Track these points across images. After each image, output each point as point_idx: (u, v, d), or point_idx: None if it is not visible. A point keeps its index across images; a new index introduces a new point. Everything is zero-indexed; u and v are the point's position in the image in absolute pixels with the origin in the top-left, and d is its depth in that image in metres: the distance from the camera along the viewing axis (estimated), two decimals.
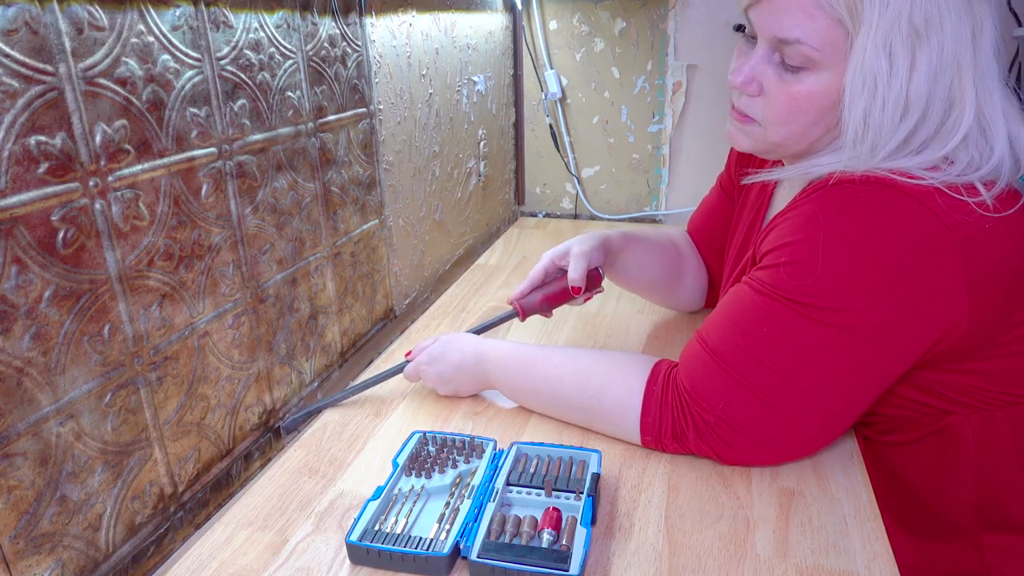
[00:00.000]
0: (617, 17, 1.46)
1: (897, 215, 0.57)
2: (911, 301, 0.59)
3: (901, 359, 0.62)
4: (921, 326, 0.60)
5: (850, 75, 0.59)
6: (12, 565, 0.50)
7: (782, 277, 0.61)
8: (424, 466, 0.68)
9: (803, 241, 0.60)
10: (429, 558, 0.57)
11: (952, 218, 0.57)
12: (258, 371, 0.76)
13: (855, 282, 0.58)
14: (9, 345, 0.49)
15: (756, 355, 0.62)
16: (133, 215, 0.58)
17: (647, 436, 0.70)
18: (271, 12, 0.72)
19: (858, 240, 0.58)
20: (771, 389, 0.62)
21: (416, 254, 1.13)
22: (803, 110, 0.63)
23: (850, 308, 0.59)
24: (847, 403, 0.64)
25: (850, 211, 0.59)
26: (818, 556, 0.58)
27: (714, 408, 0.65)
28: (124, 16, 0.55)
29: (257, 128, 0.72)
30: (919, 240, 0.57)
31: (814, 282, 0.59)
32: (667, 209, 1.58)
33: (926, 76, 0.58)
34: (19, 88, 0.48)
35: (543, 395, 0.76)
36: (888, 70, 0.57)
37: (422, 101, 1.10)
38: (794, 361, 0.61)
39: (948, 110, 0.59)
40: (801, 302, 0.60)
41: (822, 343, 0.60)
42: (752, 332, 0.63)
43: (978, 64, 0.58)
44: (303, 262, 0.83)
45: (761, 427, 0.64)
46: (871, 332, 0.60)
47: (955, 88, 0.59)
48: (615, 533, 0.62)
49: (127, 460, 0.59)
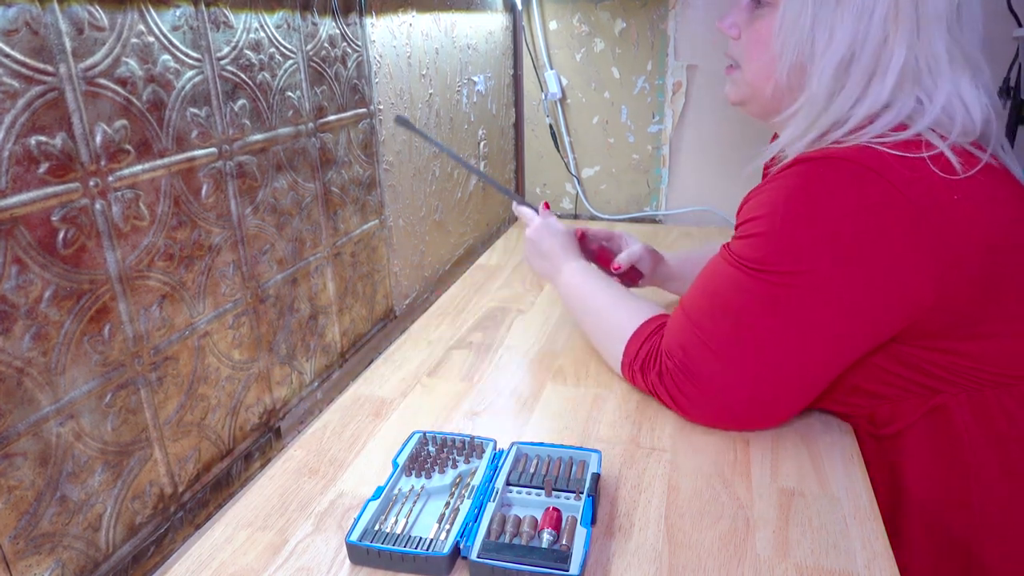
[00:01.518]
0: (617, 17, 1.46)
1: (854, 186, 0.60)
2: (866, 269, 0.61)
3: (857, 328, 0.64)
4: (877, 295, 0.62)
5: (783, 3, 0.66)
6: (12, 565, 0.50)
7: (745, 247, 0.66)
8: (424, 466, 0.68)
9: (765, 216, 0.64)
10: (429, 558, 0.57)
11: (913, 189, 0.59)
12: (258, 371, 0.76)
13: (810, 250, 0.62)
14: (9, 345, 0.49)
15: (717, 314, 0.68)
16: (133, 215, 0.58)
17: (624, 360, 0.79)
18: (271, 12, 0.72)
19: (813, 211, 0.61)
20: (725, 344, 0.68)
21: (416, 254, 1.13)
22: (763, 42, 0.70)
23: (804, 271, 0.62)
24: (799, 368, 0.67)
25: (808, 184, 0.62)
26: (818, 556, 0.58)
27: (675, 355, 0.72)
28: (124, 16, 0.55)
29: (257, 128, 0.72)
30: (876, 210, 0.59)
31: (772, 251, 0.64)
32: (667, 209, 1.58)
33: (851, 11, 0.63)
34: (19, 88, 0.48)
35: (577, 305, 0.88)
36: (815, 2, 0.64)
37: (422, 101, 1.10)
38: (749, 320, 0.66)
39: (881, 51, 0.63)
40: (760, 269, 0.65)
41: (774, 305, 0.65)
42: (716, 294, 0.69)
43: (920, 15, 0.62)
44: (303, 262, 0.83)
45: (715, 381, 0.69)
46: (823, 297, 0.63)
47: (891, 29, 0.63)
48: (615, 533, 0.62)
49: (127, 460, 0.59)
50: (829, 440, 0.74)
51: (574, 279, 0.89)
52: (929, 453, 0.69)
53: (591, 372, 0.89)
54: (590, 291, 0.87)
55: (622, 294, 0.85)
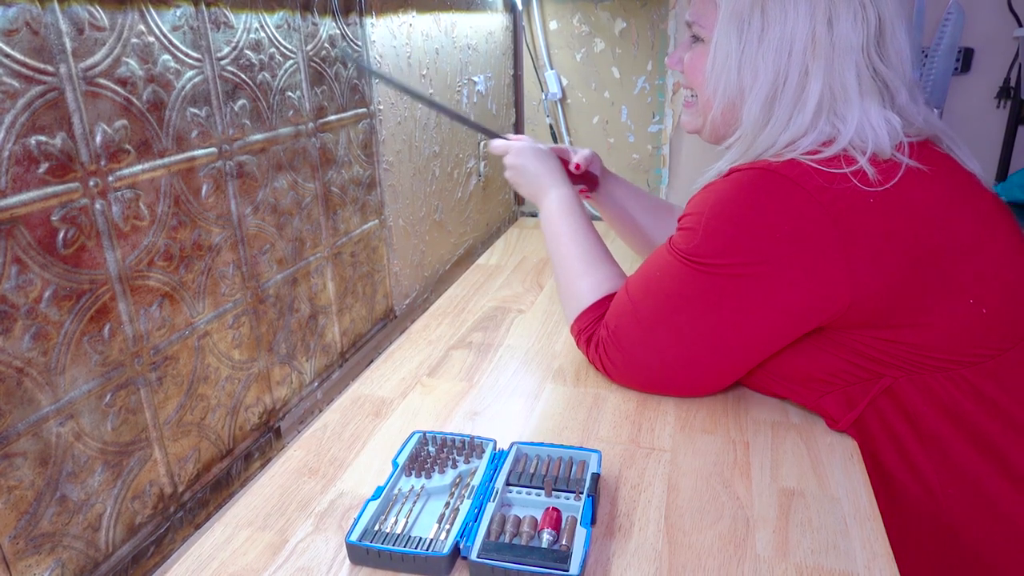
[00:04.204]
0: (617, 17, 1.46)
1: (773, 192, 0.67)
2: (781, 266, 0.67)
3: (772, 319, 0.71)
4: (791, 289, 0.68)
5: (712, 43, 0.74)
6: (12, 565, 0.50)
7: (680, 239, 0.74)
8: (424, 466, 0.68)
9: (695, 213, 0.73)
10: (429, 558, 0.57)
11: (826, 195, 0.65)
12: (258, 371, 0.76)
13: (732, 246, 0.69)
14: (9, 345, 0.49)
15: (651, 292, 0.77)
16: (133, 215, 0.58)
17: (575, 326, 0.87)
18: (271, 12, 0.72)
19: (737, 213, 0.69)
20: (650, 317, 0.76)
21: (416, 254, 1.13)
22: (698, 71, 0.78)
23: (725, 264, 0.70)
24: (714, 346, 0.74)
25: (732, 191, 0.70)
26: (818, 556, 0.58)
27: (609, 326, 0.81)
28: (124, 16, 0.55)
29: (257, 128, 0.72)
30: (792, 214, 0.66)
31: (699, 244, 0.71)
32: None
33: (774, 49, 0.69)
34: (19, 88, 0.48)
35: (554, 247, 0.93)
36: (739, 40, 0.71)
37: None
38: (674, 301, 0.74)
39: (803, 84, 0.70)
40: (688, 259, 0.72)
41: (696, 290, 0.72)
42: (651, 276, 0.77)
43: (835, 48, 0.68)
44: (303, 262, 0.83)
45: (637, 350, 0.79)
46: (741, 288, 0.70)
47: (809, 63, 0.69)
48: (615, 533, 0.62)
49: (127, 460, 0.59)
50: (829, 440, 0.74)
51: (555, 209, 0.94)
52: (886, 434, 0.72)
53: (591, 372, 0.89)
54: (567, 232, 0.91)
55: (595, 251, 0.90)
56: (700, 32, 0.77)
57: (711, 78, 0.74)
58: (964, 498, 0.70)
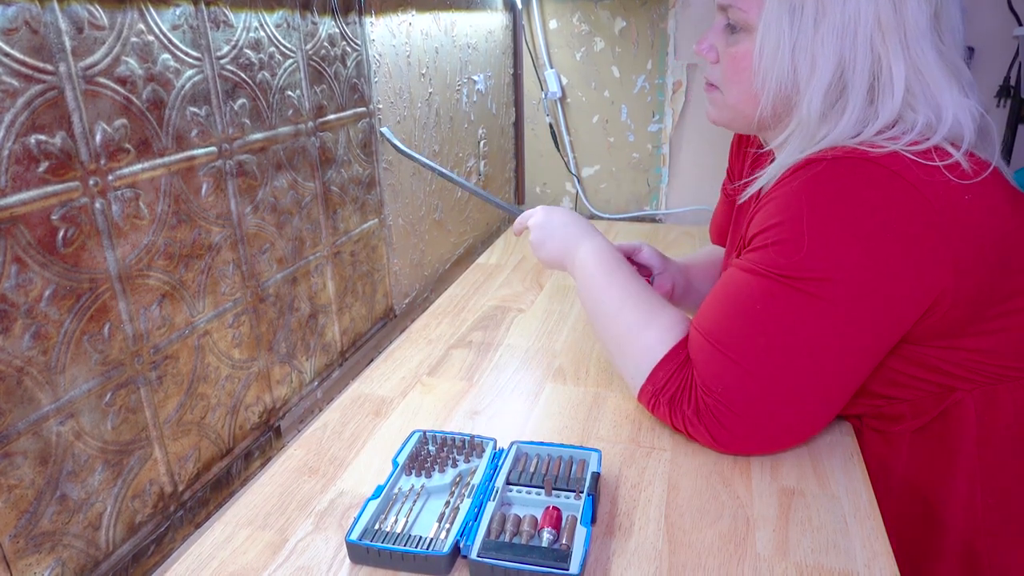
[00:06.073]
0: (617, 16, 1.46)
1: (875, 187, 0.59)
2: (896, 270, 0.60)
3: (889, 330, 0.63)
4: (908, 295, 0.61)
5: (760, 32, 0.65)
6: (12, 564, 0.50)
7: (771, 256, 0.63)
8: (424, 465, 0.68)
9: (788, 220, 0.62)
10: (429, 557, 0.57)
11: (930, 189, 0.59)
12: (258, 370, 0.76)
13: (841, 254, 0.60)
14: (9, 344, 0.49)
15: (751, 334, 0.64)
16: (133, 214, 0.58)
17: (648, 388, 0.72)
18: (271, 11, 0.72)
19: (840, 213, 0.60)
20: (767, 368, 0.63)
21: (416, 253, 1.13)
22: (743, 68, 0.68)
23: (838, 279, 0.60)
24: (839, 378, 0.65)
25: (829, 187, 0.61)
26: (818, 555, 0.58)
27: (713, 391, 0.66)
28: (124, 15, 0.55)
29: (257, 127, 0.72)
30: (900, 211, 0.59)
31: (803, 257, 0.61)
32: (667, 208, 1.58)
33: (832, 34, 0.62)
34: (19, 87, 0.48)
35: (598, 304, 0.78)
36: (791, 27, 0.63)
37: (422, 100, 1.10)
38: (788, 337, 0.63)
39: (875, 71, 0.63)
40: (792, 276, 0.61)
41: (813, 315, 0.62)
42: (746, 312, 0.64)
43: (907, 29, 0.61)
44: (303, 261, 0.83)
45: (756, 406, 0.65)
46: (859, 298, 0.61)
47: (879, 50, 0.62)
48: (615, 532, 0.62)
49: (127, 459, 0.59)
50: (829, 440, 0.74)
51: (592, 261, 0.79)
52: (936, 449, 0.69)
53: (591, 372, 0.89)
54: (614, 283, 0.77)
55: (646, 296, 0.76)
56: (739, 17, 0.67)
57: (760, 71, 0.66)
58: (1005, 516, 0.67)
